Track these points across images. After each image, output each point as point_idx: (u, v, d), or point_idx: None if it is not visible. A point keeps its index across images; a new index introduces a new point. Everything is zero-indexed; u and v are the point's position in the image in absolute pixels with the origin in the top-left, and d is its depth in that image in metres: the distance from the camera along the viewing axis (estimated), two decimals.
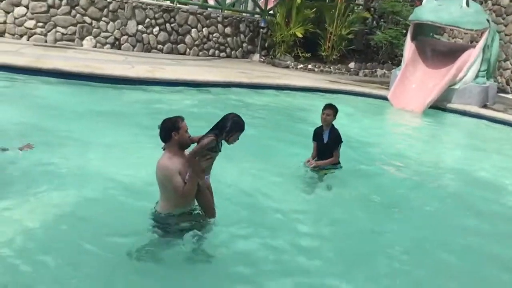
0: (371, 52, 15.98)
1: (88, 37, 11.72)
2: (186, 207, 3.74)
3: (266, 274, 3.62)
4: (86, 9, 11.62)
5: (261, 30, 14.51)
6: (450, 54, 11.29)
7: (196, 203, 3.79)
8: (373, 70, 15.16)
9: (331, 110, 5.40)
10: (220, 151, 3.71)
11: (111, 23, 11.95)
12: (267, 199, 4.80)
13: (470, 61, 10.88)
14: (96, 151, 5.54)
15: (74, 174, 4.85)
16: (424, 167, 6.76)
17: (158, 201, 3.73)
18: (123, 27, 12.14)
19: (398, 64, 13.16)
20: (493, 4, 15.58)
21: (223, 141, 3.69)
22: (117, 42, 12.13)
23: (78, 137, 5.91)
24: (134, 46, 12.38)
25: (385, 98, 11.04)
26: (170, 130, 3.56)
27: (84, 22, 11.65)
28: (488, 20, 11.26)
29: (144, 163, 5.25)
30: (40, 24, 11.22)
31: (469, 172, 6.76)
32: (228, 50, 14.21)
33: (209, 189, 3.80)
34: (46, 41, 11.28)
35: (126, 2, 12.12)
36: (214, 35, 13.79)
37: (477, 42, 11.39)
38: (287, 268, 3.74)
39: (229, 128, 3.63)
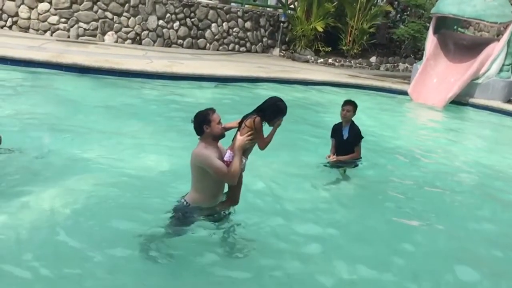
0: (394, 46, 15.75)
1: (109, 32, 11.90)
2: (217, 201, 3.77)
3: (286, 269, 3.61)
4: (107, 5, 11.80)
5: (282, 24, 14.47)
6: (473, 48, 11.04)
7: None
8: (395, 64, 14.94)
9: (351, 106, 5.35)
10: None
11: (132, 18, 12.11)
12: (284, 193, 4.78)
13: (494, 55, 10.63)
14: (111, 143, 5.65)
15: (87, 166, 4.94)
16: (444, 163, 6.65)
17: (188, 193, 3.75)
18: (144, 22, 12.29)
19: (421, 58, 12.92)
20: None
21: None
22: (138, 37, 12.28)
23: (94, 128, 6.04)
24: (154, 41, 12.52)
25: (405, 93, 10.90)
26: (202, 123, 3.60)
27: (105, 17, 11.83)
28: None
29: (161, 156, 5.41)
30: (63, 19, 11.44)
31: (492, 168, 6.58)
32: (248, 44, 14.22)
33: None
34: (69, 37, 11.51)
35: None
36: (234, 29, 13.82)
37: (502, 35, 11.08)
38: (305, 262, 3.73)
39: (273, 111, 3.66)
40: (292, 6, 15.00)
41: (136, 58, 10.32)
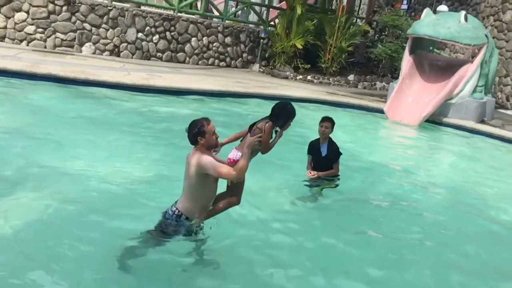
0: (372, 65, 15.98)
1: (87, 44, 11.81)
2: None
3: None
4: (86, 16, 11.72)
5: (262, 40, 14.56)
6: (447, 69, 11.27)
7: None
8: (373, 83, 15.15)
9: (329, 122, 5.38)
10: (271, 138, 3.95)
11: (110, 30, 12.04)
12: (259, 210, 4.76)
13: (468, 76, 10.85)
14: (83, 155, 5.58)
15: (61, 177, 4.89)
16: (418, 180, 6.79)
17: (177, 202, 3.73)
18: (123, 34, 12.23)
19: (398, 77, 13.13)
20: (495, 20, 15.59)
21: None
22: (116, 49, 12.20)
23: (64, 140, 5.95)
24: (133, 54, 12.46)
25: (381, 111, 11.03)
26: (196, 135, 3.60)
27: (83, 28, 11.74)
28: (486, 35, 11.24)
29: (135, 167, 5.37)
30: (40, 29, 11.31)
31: (459, 188, 6.71)
32: (228, 59, 14.26)
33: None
34: (45, 47, 11.37)
35: (126, 10, 12.22)
36: (214, 44, 13.85)
37: (476, 57, 11.35)
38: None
39: (286, 115, 3.96)
40: (272, 23, 15.13)
41: (113, 70, 10.24)
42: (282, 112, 3.95)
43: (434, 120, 10.72)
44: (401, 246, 4.61)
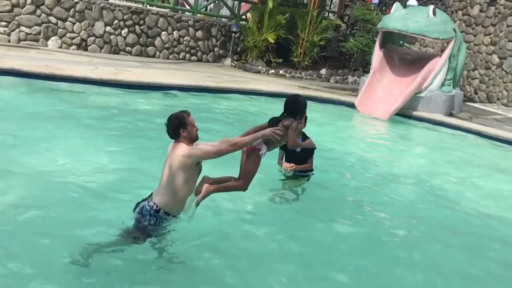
0: (344, 59, 16.06)
1: (53, 38, 11.48)
2: (183, 207, 3.73)
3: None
4: (51, 9, 11.38)
5: (233, 34, 14.45)
6: (417, 63, 11.39)
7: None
8: (345, 77, 15.23)
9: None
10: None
11: (77, 23, 11.74)
12: (232, 205, 4.71)
13: (436, 70, 10.99)
14: (48, 151, 5.44)
15: (25, 173, 4.75)
16: (387, 172, 6.89)
17: (151, 195, 3.66)
18: (90, 28, 11.94)
19: (369, 71, 13.24)
20: (463, 15, 15.85)
21: None
22: (83, 43, 11.91)
23: (26, 136, 5.78)
24: (101, 48, 12.19)
25: (353, 105, 11.08)
26: (178, 127, 3.56)
27: (49, 22, 11.40)
28: (454, 30, 11.39)
29: (99, 165, 5.23)
30: (3, 23, 10.93)
31: (428, 179, 6.82)
32: (199, 54, 14.11)
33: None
34: (9, 41, 11.00)
35: (93, 3, 11.92)
36: (185, 38, 13.67)
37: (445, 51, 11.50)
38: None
39: (302, 109, 4.31)
40: (244, 17, 15.03)
41: (80, 64, 9.99)
42: (297, 107, 4.28)
43: (404, 114, 10.83)
44: (371, 234, 4.71)
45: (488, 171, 7.58)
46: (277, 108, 9.79)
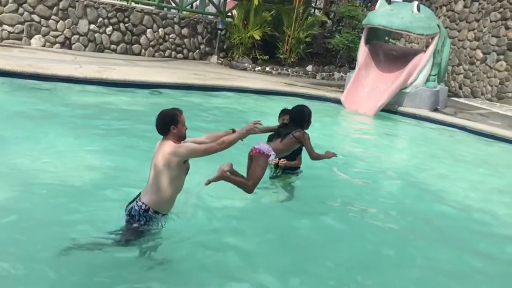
0: (330, 55, 16.11)
1: (36, 36, 11.34)
2: (171, 205, 3.72)
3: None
4: (34, 7, 11.25)
5: (219, 31, 14.40)
6: (402, 58, 11.46)
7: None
8: (331, 73, 15.28)
9: (288, 115, 5.32)
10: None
11: (61, 21, 11.61)
12: (222, 203, 4.69)
13: (421, 65, 11.07)
14: (31, 151, 5.36)
15: (8, 173, 4.69)
16: (373, 167, 6.96)
17: (139, 195, 3.64)
18: (74, 26, 11.81)
19: (355, 67, 13.31)
20: (447, 10, 15.98)
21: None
22: (67, 42, 11.78)
23: (9, 136, 5.70)
24: (85, 46, 12.06)
25: (339, 101, 11.11)
26: (169, 124, 3.55)
27: (32, 20, 11.26)
28: (438, 25, 11.48)
29: (84, 164, 5.18)
30: None
31: (414, 174, 6.88)
32: (185, 51, 14.04)
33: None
34: None
35: (77, 1, 11.80)
36: (170, 36, 13.60)
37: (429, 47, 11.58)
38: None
39: (307, 118, 4.65)
40: (230, 13, 14.99)
41: (64, 63, 9.88)
42: (303, 117, 4.58)
43: (390, 109, 10.90)
44: (359, 230, 4.75)
45: (472, 165, 7.67)
46: (264, 105, 9.91)
